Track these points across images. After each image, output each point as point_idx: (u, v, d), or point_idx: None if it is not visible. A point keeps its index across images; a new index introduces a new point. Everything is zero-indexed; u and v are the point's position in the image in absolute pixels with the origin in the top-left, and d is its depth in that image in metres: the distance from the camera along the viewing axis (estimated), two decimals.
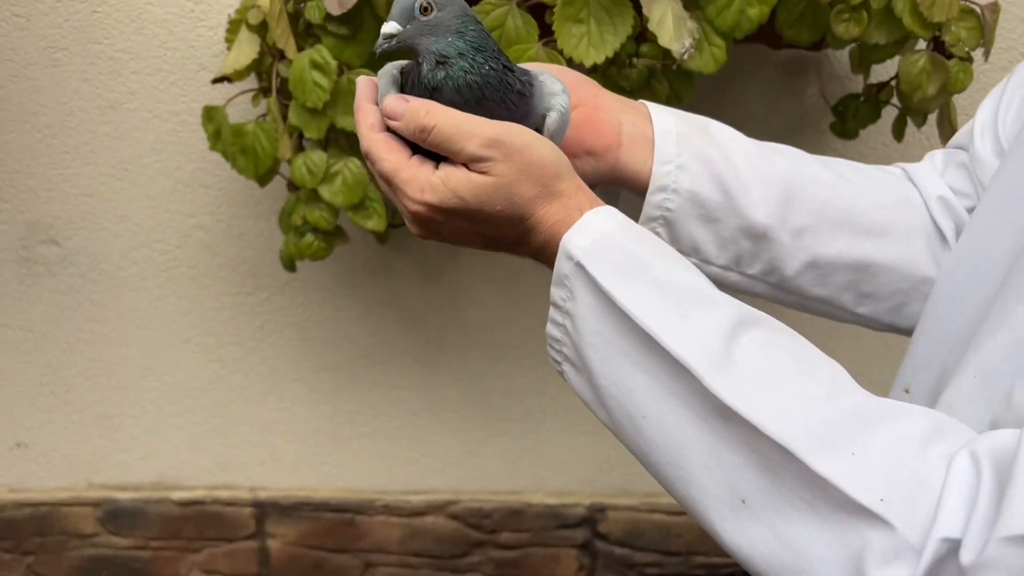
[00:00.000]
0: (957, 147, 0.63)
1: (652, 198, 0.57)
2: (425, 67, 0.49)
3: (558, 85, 0.51)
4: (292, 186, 0.92)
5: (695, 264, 0.56)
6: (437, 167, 0.49)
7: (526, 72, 0.51)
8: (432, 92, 0.48)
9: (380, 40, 0.50)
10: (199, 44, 1.04)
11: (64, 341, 1.15)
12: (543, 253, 0.50)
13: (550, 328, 0.50)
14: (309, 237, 0.91)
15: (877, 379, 1.15)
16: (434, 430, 1.19)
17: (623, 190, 0.60)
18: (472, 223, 0.49)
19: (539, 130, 0.50)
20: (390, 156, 0.49)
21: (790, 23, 0.81)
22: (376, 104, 0.51)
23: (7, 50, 1.04)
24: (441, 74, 0.48)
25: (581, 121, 0.55)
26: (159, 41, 1.03)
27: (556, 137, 0.51)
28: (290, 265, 0.96)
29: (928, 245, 0.60)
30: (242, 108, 0.98)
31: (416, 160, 0.49)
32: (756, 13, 0.75)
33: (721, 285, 0.53)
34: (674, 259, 0.48)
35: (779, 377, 0.43)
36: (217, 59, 1.04)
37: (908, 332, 0.60)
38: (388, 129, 0.50)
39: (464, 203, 0.48)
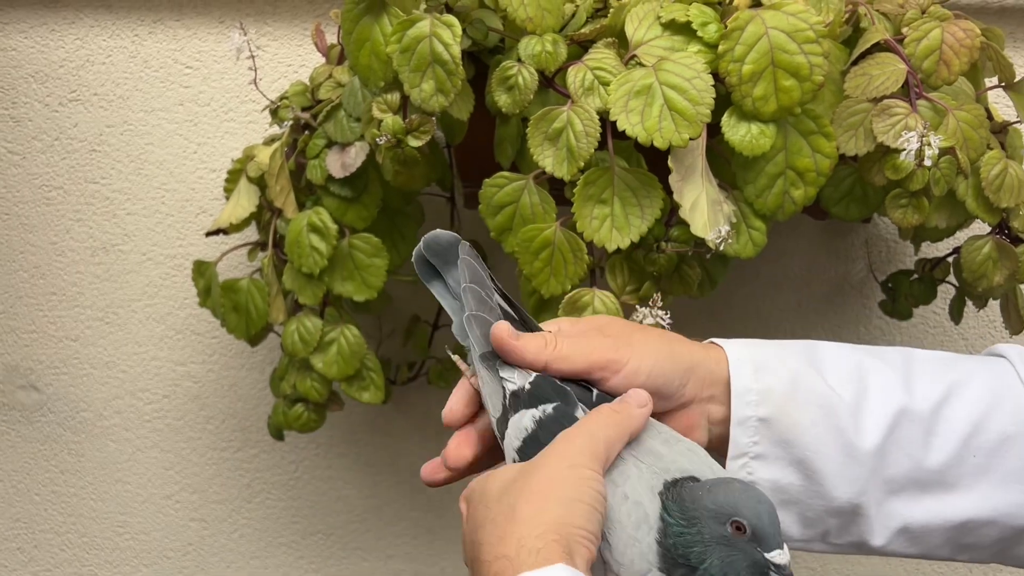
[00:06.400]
0: None
1: None
2: None
3: None
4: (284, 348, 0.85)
5: None
6: None
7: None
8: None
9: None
10: (200, 186, 0.98)
11: (36, 493, 1.06)
12: None
13: None
14: (299, 408, 0.83)
15: None
16: None
17: None
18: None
19: None
20: None
21: (836, 199, 0.73)
22: None
23: (0, 187, 0.99)
24: None
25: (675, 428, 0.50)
26: (158, 182, 0.98)
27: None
28: (277, 435, 0.87)
29: None
30: (238, 257, 0.91)
31: None
32: (801, 195, 0.67)
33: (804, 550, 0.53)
34: None
35: None
36: (217, 202, 0.98)
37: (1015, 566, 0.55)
38: None
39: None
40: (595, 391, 0.49)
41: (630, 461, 0.46)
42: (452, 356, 0.53)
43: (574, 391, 0.48)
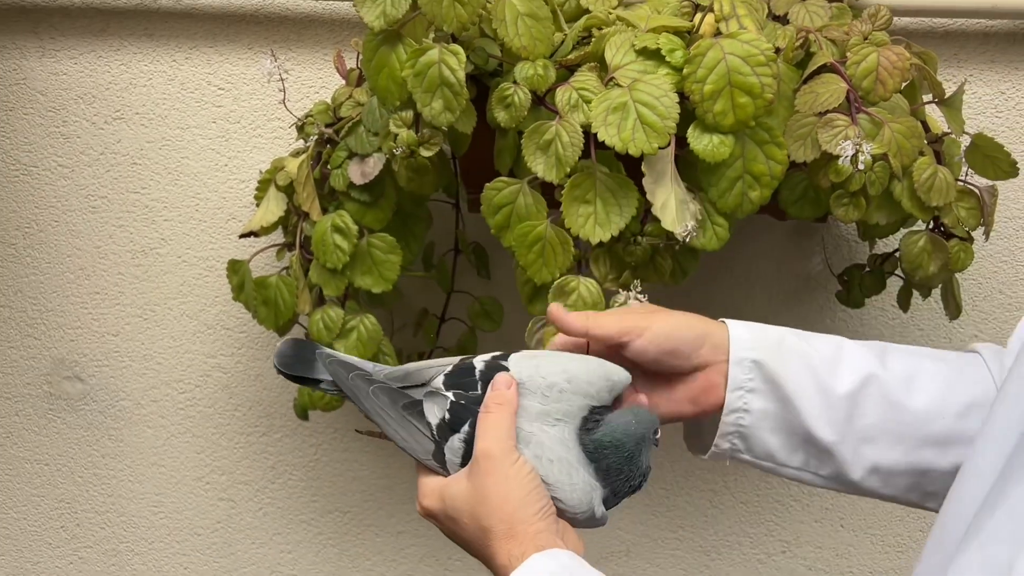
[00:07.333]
0: None
1: (727, 418, 0.64)
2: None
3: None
4: (309, 336, 0.95)
5: (771, 468, 0.64)
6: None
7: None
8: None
9: None
10: (230, 195, 1.09)
11: (79, 476, 1.16)
12: None
13: None
14: None
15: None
16: None
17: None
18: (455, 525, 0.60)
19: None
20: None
21: (792, 201, 0.83)
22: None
23: (51, 197, 1.10)
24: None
25: (698, 391, 0.64)
26: (193, 192, 1.09)
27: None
28: (303, 415, 0.97)
29: None
30: (267, 257, 1.02)
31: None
32: (757, 196, 0.78)
33: (799, 482, 0.66)
34: None
35: None
36: (246, 209, 1.09)
37: None
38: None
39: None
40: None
41: (535, 430, 0.59)
42: (364, 433, 0.67)
43: (468, 404, 0.61)
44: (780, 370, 0.62)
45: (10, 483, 1.17)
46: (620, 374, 0.61)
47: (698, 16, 0.79)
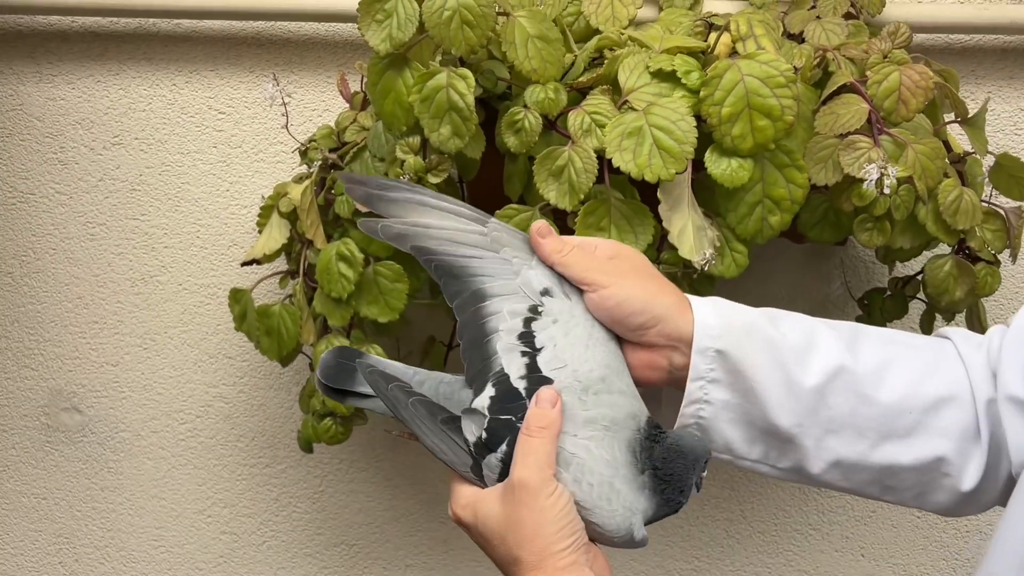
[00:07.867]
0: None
1: (686, 409, 0.61)
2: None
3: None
4: (313, 367, 0.92)
5: (728, 460, 0.62)
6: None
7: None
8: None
9: None
10: (232, 222, 1.06)
11: (77, 510, 1.13)
12: None
13: None
14: (327, 421, 0.90)
15: (914, 571, 1.10)
16: None
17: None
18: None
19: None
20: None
21: (812, 224, 0.81)
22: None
23: (48, 225, 1.08)
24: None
25: (637, 363, 0.61)
26: (193, 218, 1.07)
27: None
28: (307, 448, 0.94)
29: (956, 445, 0.60)
30: (270, 285, 0.99)
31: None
32: (777, 221, 0.75)
33: (755, 474, 0.63)
34: None
35: None
36: (248, 235, 1.07)
37: (936, 512, 0.63)
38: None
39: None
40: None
41: (578, 450, 0.57)
42: (395, 434, 0.64)
43: (512, 420, 0.58)
44: (745, 360, 0.59)
45: (7, 518, 1.14)
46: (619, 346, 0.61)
47: (713, 36, 0.77)
